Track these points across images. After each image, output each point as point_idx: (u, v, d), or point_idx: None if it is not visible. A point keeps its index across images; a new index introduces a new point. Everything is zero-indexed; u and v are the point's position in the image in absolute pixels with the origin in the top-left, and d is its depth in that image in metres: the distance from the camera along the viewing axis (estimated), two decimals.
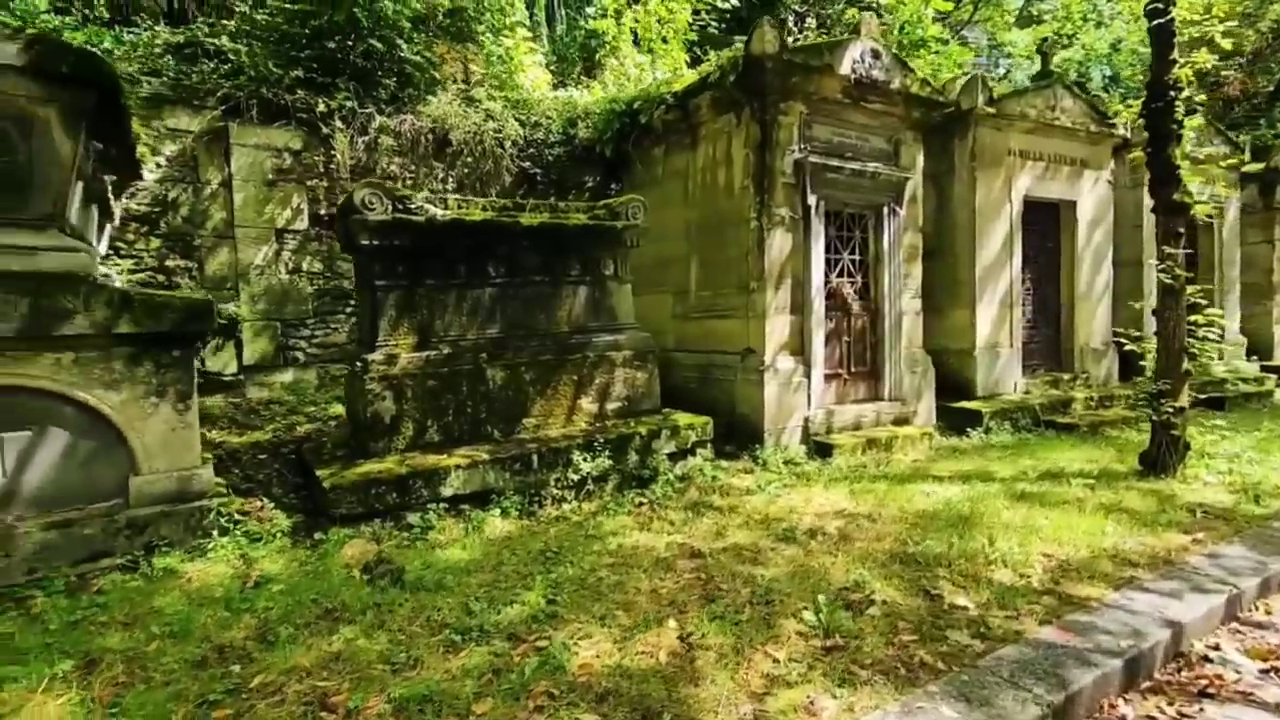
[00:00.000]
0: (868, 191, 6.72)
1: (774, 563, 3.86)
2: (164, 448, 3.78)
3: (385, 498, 4.17)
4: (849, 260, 6.83)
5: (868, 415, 6.72)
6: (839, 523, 4.51)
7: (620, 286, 5.70)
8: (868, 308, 6.97)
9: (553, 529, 4.41)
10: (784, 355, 6.27)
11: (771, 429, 6.13)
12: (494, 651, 2.89)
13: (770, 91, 6.03)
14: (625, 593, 3.48)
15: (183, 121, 6.71)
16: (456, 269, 4.89)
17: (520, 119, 8.09)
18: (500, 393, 4.97)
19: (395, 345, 4.65)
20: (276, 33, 7.27)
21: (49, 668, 2.65)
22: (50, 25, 5.92)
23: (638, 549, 4.07)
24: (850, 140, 6.61)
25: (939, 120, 7.64)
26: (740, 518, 4.61)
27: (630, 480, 5.17)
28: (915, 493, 5.12)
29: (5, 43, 3.25)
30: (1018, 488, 5.23)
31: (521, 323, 5.20)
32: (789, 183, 6.20)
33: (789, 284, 6.27)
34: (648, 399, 5.72)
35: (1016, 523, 4.40)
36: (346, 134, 7.14)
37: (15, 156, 3.42)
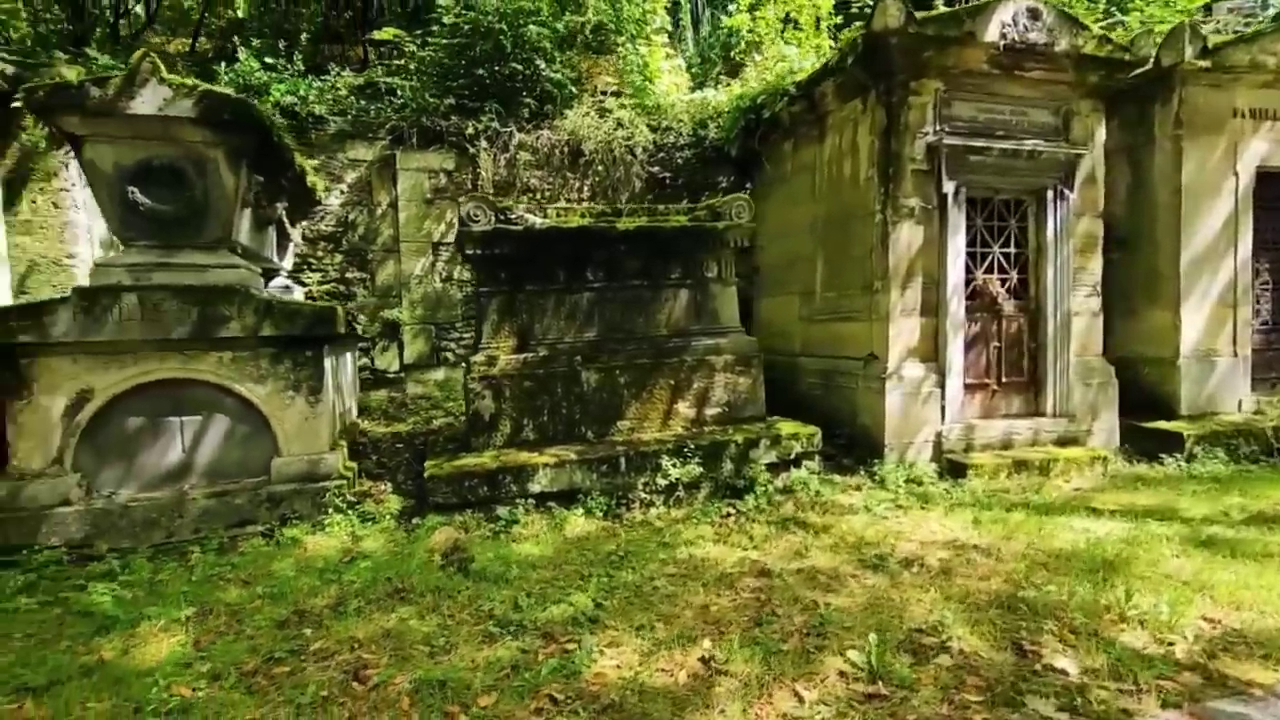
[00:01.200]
0: (1025, 174, 5.82)
1: (848, 592, 3.50)
2: (299, 434, 4.41)
3: (476, 490, 4.47)
4: (1000, 254, 5.97)
5: (1021, 433, 5.82)
6: (945, 554, 3.97)
7: (724, 289, 5.53)
8: (1025, 308, 6.04)
9: (630, 533, 4.41)
10: (912, 361, 5.65)
11: (894, 443, 5.56)
12: (523, 647, 2.97)
13: (898, 71, 5.48)
14: (675, 605, 3.38)
15: (360, 153, 7.78)
16: (556, 274, 5.10)
17: (652, 125, 8.20)
18: (594, 395, 5.08)
19: (496, 348, 4.97)
20: (439, 67, 8.13)
21: (177, 611, 3.23)
22: (262, 80, 7.19)
23: (706, 561, 3.92)
24: (1002, 116, 5.78)
25: (1130, 83, 6.40)
26: (830, 538, 4.25)
27: (724, 489, 5.00)
28: (1058, 527, 4.34)
29: (183, 99, 4.02)
30: (1205, 532, 4.20)
31: (619, 326, 5.27)
32: (920, 169, 5.58)
33: (919, 282, 5.64)
34: (751, 405, 5.49)
35: (1182, 575, 3.54)
36: (490, 153, 7.77)
37: (193, 192, 4.20)
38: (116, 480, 4.15)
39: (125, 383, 4.08)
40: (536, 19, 8.12)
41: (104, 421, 4.09)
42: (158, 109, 3.99)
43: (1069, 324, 5.95)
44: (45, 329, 3.86)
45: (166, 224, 4.20)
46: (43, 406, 3.94)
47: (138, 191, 4.09)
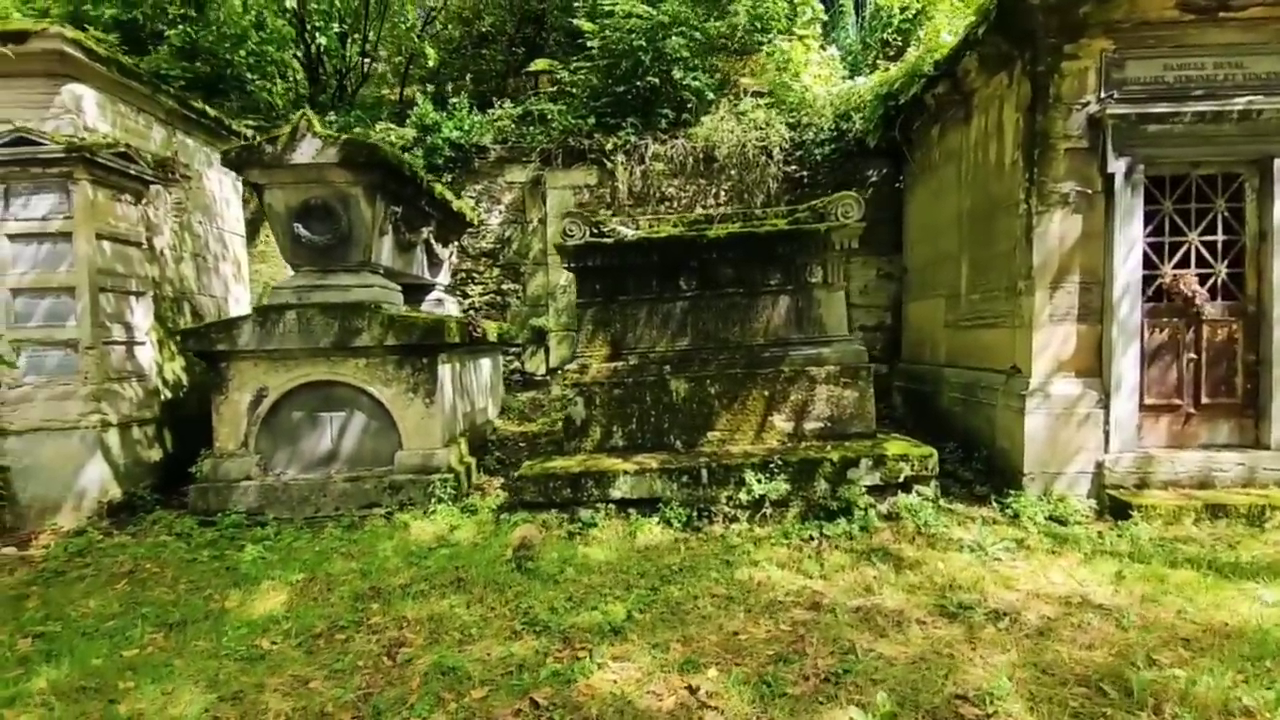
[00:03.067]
0: (1238, 140, 4.60)
1: (904, 640, 3.10)
2: (417, 431, 5.04)
3: (560, 492, 4.71)
4: (1200, 244, 4.77)
5: (1228, 469, 4.60)
6: (1052, 611, 3.33)
7: (830, 294, 5.16)
8: (1238, 311, 4.76)
9: (702, 547, 4.33)
10: (1063, 376, 4.76)
11: (1036, 471, 4.74)
12: (539, 648, 3.10)
13: (1047, 34, 4.66)
14: (705, 627, 3.28)
15: (516, 175, 8.56)
16: (648, 284, 5.17)
17: (790, 122, 7.88)
18: (684, 404, 5.06)
19: (590, 356, 5.19)
20: (585, 89, 8.65)
21: (293, 575, 3.91)
22: (434, 120, 8.25)
23: (761, 586, 3.73)
24: (1203, 71, 4.62)
25: None
26: (916, 576, 3.77)
27: (816, 510, 4.66)
28: (1237, 595, 3.39)
29: (329, 147, 4.82)
30: None
31: (713, 335, 5.19)
32: (1076, 148, 4.68)
33: (1075, 282, 4.74)
34: (858, 421, 5.05)
35: None
36: (626, 165, 8.06)
37: (340, 224, 5.01)
38: (284, 462, 5.10)
39: (291, 382, 5.00)
40: (679, 29, 8.24)
41: (276, 414, 5.06)
42: (312, 158, 4.83)
43: None
44: (235, 339, 4.89)
45: (322, 252, 5.06)
46: (234, 400, 5.00)
47: (301, 226, 4.98)
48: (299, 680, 2.87)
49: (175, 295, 6.12)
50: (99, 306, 5.03)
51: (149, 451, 5.42)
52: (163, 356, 5.77)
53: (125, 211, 5.34)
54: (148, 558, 4.28)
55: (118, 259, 5.25)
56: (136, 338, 5.42)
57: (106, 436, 5.00)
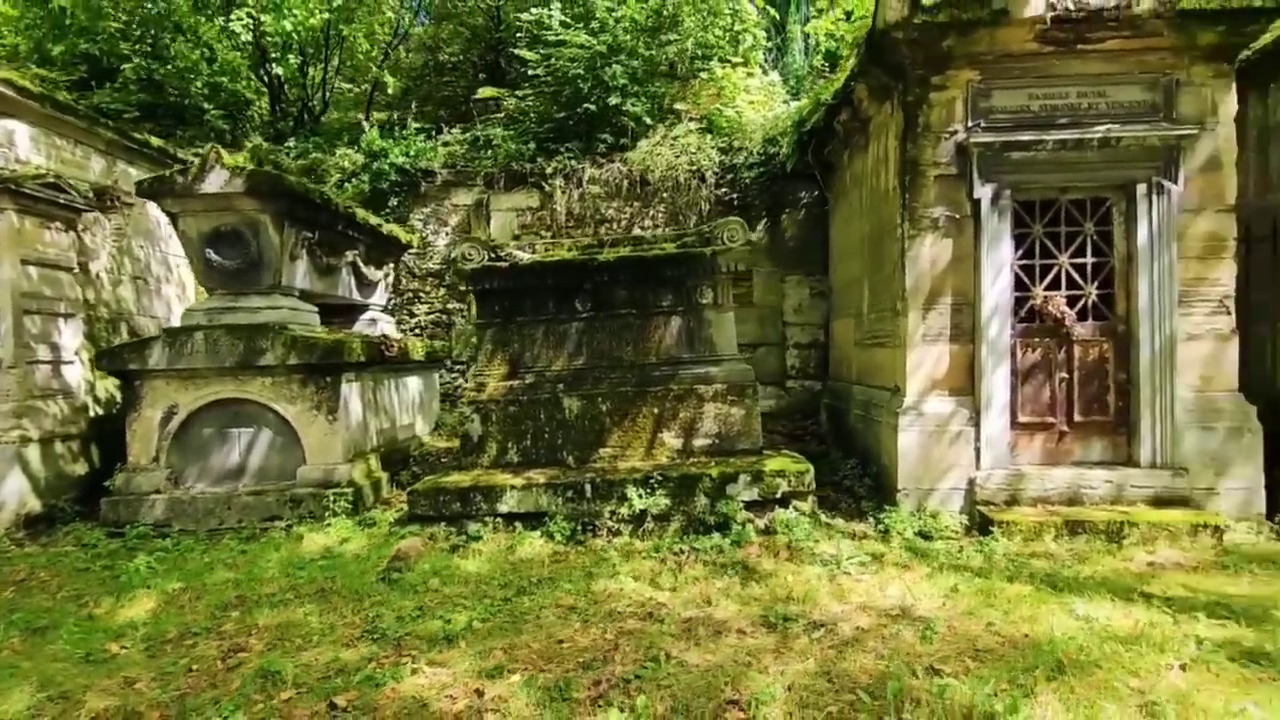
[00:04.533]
0: (1099, 167, 4.75)
1: (715, 649, 3.24)
2: (320, 447, 5.25)
3: (450, 506, 4.89)
4: (1070, 266, 4.91)
5: (1097, 486, 4.70)
6: (871, 623, 3.45)
7: (720, 315, 5.33)
8: (1109, 331, 4.88)
9: (576, 559, 4.48)
10: (937, 394, 4.90)
11: (910, 488, 4.86)
12: (367, 655, 3.26)
13: (914, 66, 4.85)
14: (537, 636, 3.43)
15: (462, 198, 8.84)
16: (545, 305, 5.37)
17: (722, 147, 8.10)
18: (576, 422, 5.24)
19: (488, 374, 5.39)
20: (527, 115, 8.95)
21: (170, 584, 4.11)
22: (381, 147, 8.56)
23: (611, 596, 3.88)
24: (1066, 100, 4.79)
25: None
26: (761, 589, 3.90)
27: (696, 524, 4.81)
28: (1058, 610, 3.49)
29: (236, 178, 5.10)
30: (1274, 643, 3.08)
31: (608, 354, 5.37)
32: (946, 174, 4.86)
33: (947, 303, 4.89)
34: (745, 438, 5.20)
35: (1157, 694, 2.67)
36: (565, 189, 8.31)
37: (250, 249, 5.27)
38: (194, 476, 5.32)
39: (200, 400, 5.24)
40: (619, 58, 8.53)
41: (187, 430, 5.29)
42: (220, 188, 5.11)
43: (1174, 350, 4.68)
44: (145, 359, 5.14)
45: (233, 275, 5.32)
46: (146, 417, 5.24)
47: (212, 252, 5.25)
48: (127, 682, 3.05)
49: (112, 316, 6.41)
50: (23, 328, 5.31)
51: (73, 466, 5.67)
52: (94, 375, 6.04)
53: (55, 238, 5.63)
54: (45, 567, 4.50)
55: (45, 283, 5.53)
56: (64, 357, 5.69)
57: (26, 451, 5.24)
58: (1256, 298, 5.42)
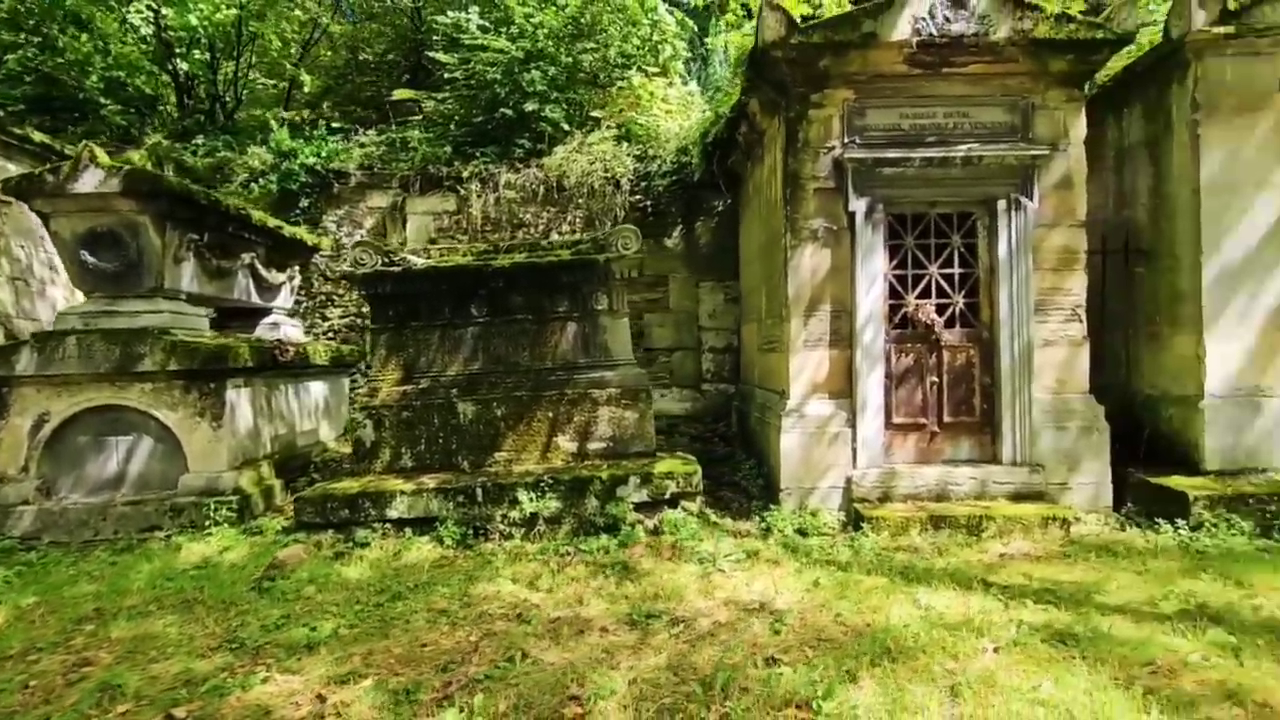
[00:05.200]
0: (964, 184, 5.06)
1: (574, 647, 3.32)
2: (203, 454, 5.12)
3: (338, 513, 4.84)
4: (939, 276, 5.20)
5: (963, 482, 4.99)
6: (730, 617, 3.59)
7: (615, 321, 5.44)
8: (975, 337, 5.19)
9: (463, 563, 4.50)
10: (818, 398, 5.12)
11: (793, 487, 5.06)
12: (221, 665, 3.22)
13: (794, 84, 5.07)
14: (401, 640, 3.44)
15: (377, 200, 8.72)
16: (441, 310, 5.37)
17: (638, 155, 8.24)
18: (471, 426, 5.26)
19: (382, 380, 5.36)
20: (451, 118, 8.90)
21: (25, 598, 3.95)
22: (291, 147, 8.39)
23: (487, 599, 3.92)
24: (934, 120, 5.08)
25: (1150, 64, 5.33)
26: (635, 588, 4.01)
27: (587, 526, 4.89)
28: (903, 600, 3.70)
29: (112, 177, 4.94)
30: (1086, 625, 3.36)
31: (504, 359, 5.41)
32: (824, 188, 5.09)
33: (826, 310, 5.11)
34: (639, 441, 5.32)
35: (965, 677, 2.88)
36: (480, 193, 8.31)
37: (129, 251, 5.11)
38: (69, 486, 5.11)
39: (74, 407, 5.04)
40: (538, 64, 8.58)
41: (61, 438, 5.08)
42: (95, 188, 4.93)
43: (1029, 356, 5.02)
44: (13, 365, 4.92)
45: (111, 278, 5.14)
46: (15, 425, 5.01)
47: (88, 254, 5.06)
48: None
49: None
50: None
51: None
52: None
53: None
54: None
55: None
56: None
57: None
58: (1112, 307, 5.86)
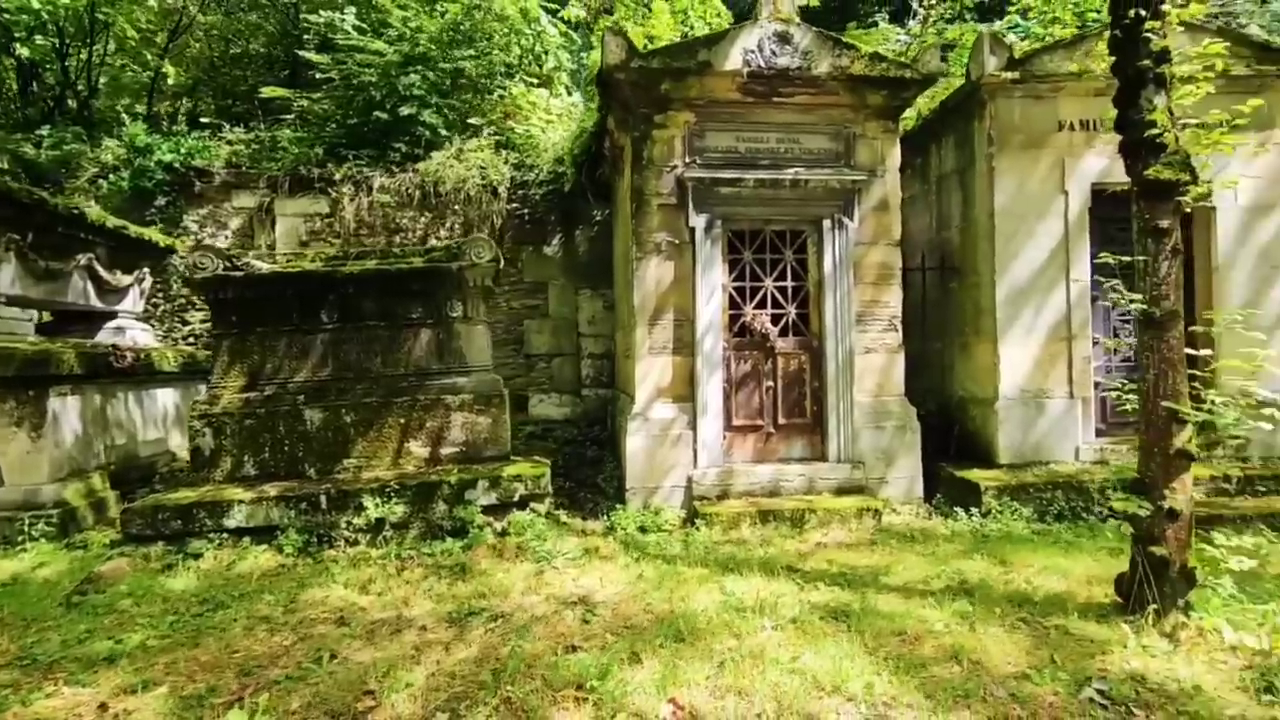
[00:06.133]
0: (794, 204, 5.49)
1: (387, 646, 3.41)
2: (20, 466, 4.85)
3: (171, 524, 4.70)
4: (775, 288, 5.63)
5: (793, 479, 5.41)
6: (549, 610, 3.78)
7: (470, 328, 5.55)
8: (806, 345, 5.64)
9: (301, 570, 4.48)
10: (662, 402, 5.42)
11: (638, 486, 5.33)
12: (5, 682, 3.12)
13: (639, 105, 5.37)
14: (213, 648, 3.42)
15: (244, 201, 8.43)
16: (288, 316, 5.32)
17: (516, 163, 8.37)
18: (319, 433, 5.23)
19: (224, 387, 5.24)
20: (327, 119, 8.73)
21: None
22: (146, 142, 7.99)
23: (313, 604, 3.94)
24: (767, 144, 5.50)
25: (958, 101, 5.95)
26: (467, 588, 4.13)
27: (435, 530, 4.97)
28: (710, 588, 4.01)
29: None
30: (862, 602, 3.76)
31: (355, 365, 5.41)
32: (667, 204, 5.41)
33: (670, 319, 5.43)
34: (492, 445, 5.44)
35: (742, 651, 3.19)
36: (353, 197, 8.20)
37: None
38: None
39: None
40: (416, 68, 8.55)
41: None
42: None
43: (851, 362, 5.51)
44: None
45: None
46: None
47: None
48: None
49: None
50: None
51: None
52: None
53: None
54: None
55: None
56: None
57: None
58: (934, 318, 6.50)
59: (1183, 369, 3.36)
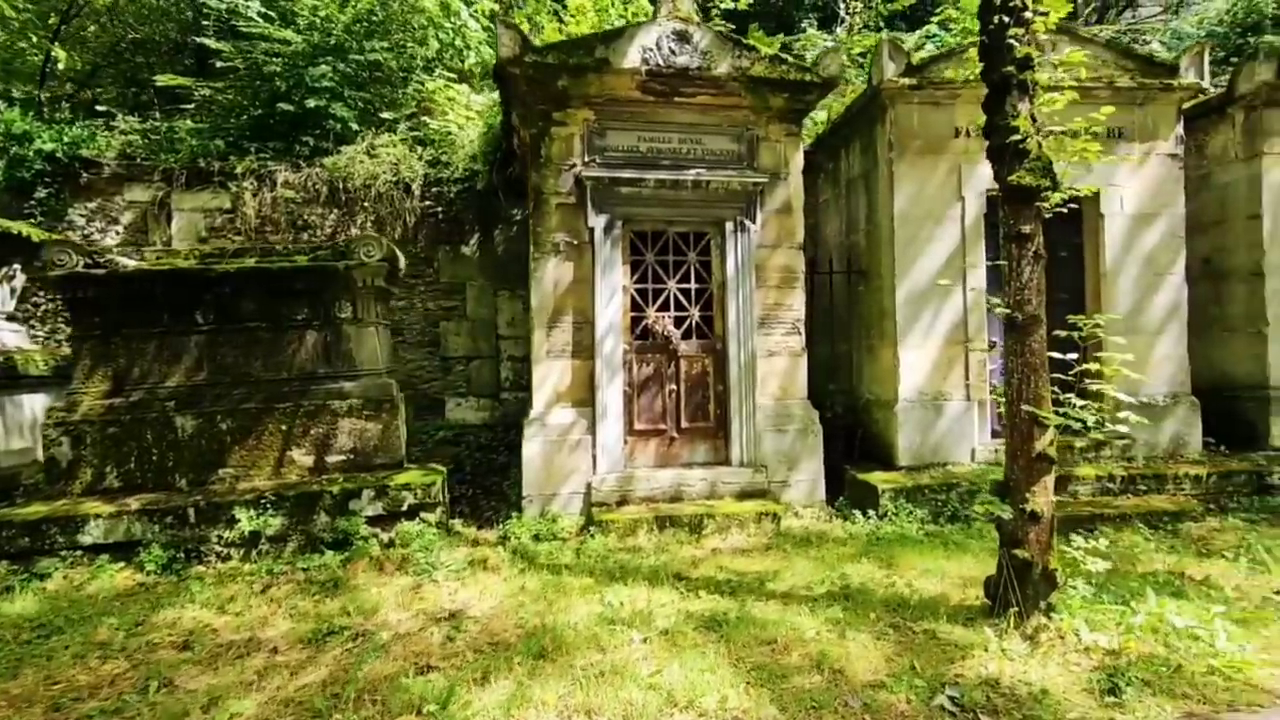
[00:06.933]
0: (697, 205, 5.43)
1: (230, 671, 3.18)
2: None
3: (16, 541, 4.33)
4: (678, 290, 5.56)
5: (694, 484, 5.33)
6: (417, 626, 3.60)
7: (360, 330, 5.31)
8: (709, 348, 5.59)
9: (161, 589, 4.18)
10: (561, 406, 5.28)
11: (534, 494, 5.18)
12: None
13: (536, 102, 5.22)
14: (31, 679, 3.14)
15: (138, 194, 7.92)
16: (159, 318, 4.98)
17: (431, 159, 8.11)
18: (191, 442, 4.91)
19: (85, 392, 4.87)
20: (227, 109, 8.29)
21: None
22: (23, 129, 7.44)
23: (162, 627, 3.67)
24: (669, 145, 5.42)
25: (862, 106, 5.99)
26: (335, 605, 3.91)
27: (316, 543, 4.72)
28: (593, 599, 3.89)
29: None
30: (742, 610, 3.70)
31: (234, 369, 5.10)
32: (566, 203, 5.27)
33: (569, 321, 5.30)
34: (384, 453, 5.21)
35: (607, 666, 3.07)
36: (256, 192, 7.80)
37: None
38: None
39: None
40: (326, 59, 8.20)
41: None
42: None
43: (755, 365, 5.47)
44: None
45: None
46: None
47: None
48: None
49: None
50: None
51: None
52: None
53: None
54: None
55: None
56: None
57: None
58: (843, 321, 6.54)
59: (1044, 373, 3.40)
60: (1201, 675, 2.97)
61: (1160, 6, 14.09)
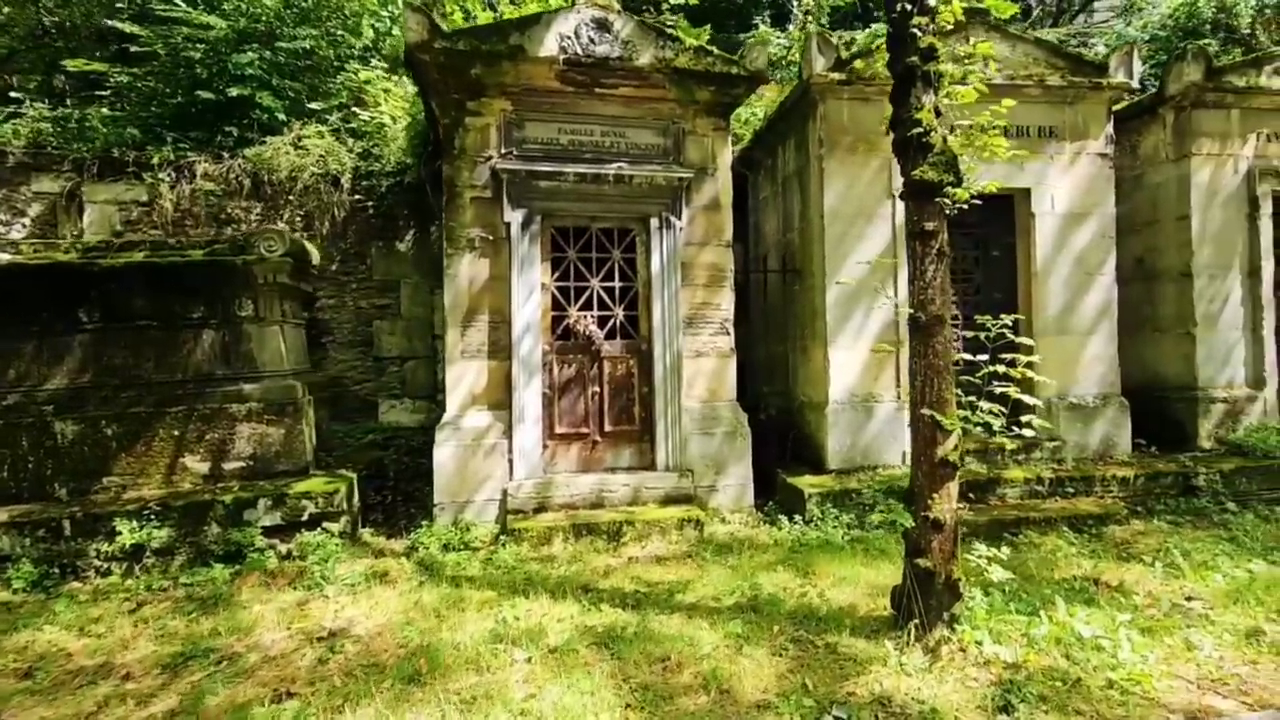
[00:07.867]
0: (620, 201, 5.24)
1: (68, 702, 2.91)
2: None
3: None
4: (601, 289, 5.36)
5: (617, 489, 5.14)
6: (291, 648, 3.36)
7: (263, 329, 5.02)
8: (634, 348, 5.40)
9: (24, 610, 3.87)
10: (476, 410, 5.05)
11: (446, 501, 4.94)
12: None
13: (449, 90, 4.99)
14: None
15: (47, 185, 7.48)
16: (37, 315, 4.65)
17: (361, 152, 7.80)
18: (73, 449, 4.59)
19: None
20: (147, 97, 7.89)
21: None
22: None
23: (8, 652, 3.38)
24: (591, 137, 5.22)
25: (795, 101, 5.85)
26: (209, 624, 3.65)
27: (207, 555, 4.43)
28: (487, 614, 3.68)
29: None
30: (651, 622, 3.52)
31: (122, 370, 4.78)
32: (481, 197, 5.05)
33: (485, 320, 5.07)
34: (286, 459, 4.93)
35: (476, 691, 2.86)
36: (174, 184, 7.42)
37: None
38: None
39: None
40: (251, 46, 7.85)
41: None
42: None
43: (680, 366, 5.30)
44: None
45: None
46: None
47: None
48: None
49: None
50: None
51: None
52: None
53: None
54: None
55: None
56: None
57: None
58: (778, 320, 6.40)
59: (949, 375, 3.27)
60: (1099, 690, 2.86)
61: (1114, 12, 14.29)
